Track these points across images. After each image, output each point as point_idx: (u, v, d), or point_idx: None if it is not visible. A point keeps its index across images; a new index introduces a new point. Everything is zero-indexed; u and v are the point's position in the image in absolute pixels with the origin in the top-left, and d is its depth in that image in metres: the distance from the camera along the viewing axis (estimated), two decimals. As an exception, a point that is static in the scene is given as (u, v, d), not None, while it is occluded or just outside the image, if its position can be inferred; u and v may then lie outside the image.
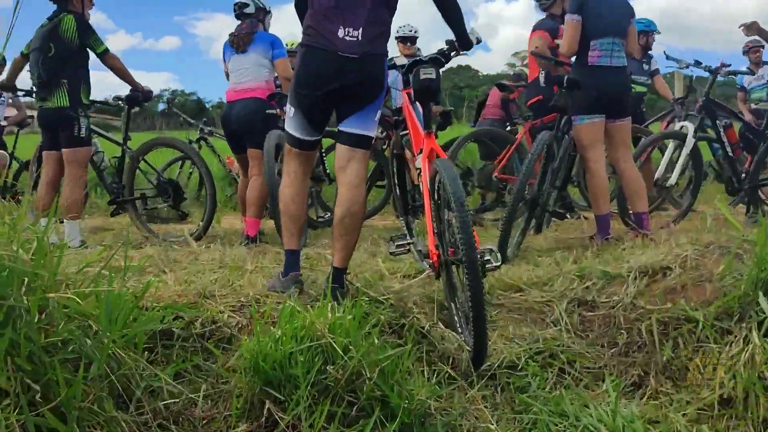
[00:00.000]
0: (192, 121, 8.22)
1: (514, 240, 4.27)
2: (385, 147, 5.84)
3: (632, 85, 5.93)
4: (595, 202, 4.57)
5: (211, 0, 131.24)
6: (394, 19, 3.06)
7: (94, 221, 6.13)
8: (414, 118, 3.23)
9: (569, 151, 4.69)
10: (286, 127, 3.10)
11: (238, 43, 5.15)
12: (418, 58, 3.16)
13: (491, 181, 6.14)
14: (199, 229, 5.07)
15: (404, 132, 3.58)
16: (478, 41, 3.33)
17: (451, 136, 7.00)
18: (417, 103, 3.17)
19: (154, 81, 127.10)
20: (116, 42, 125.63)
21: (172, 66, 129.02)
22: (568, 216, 5.91)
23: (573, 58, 4.65)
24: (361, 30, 2.86)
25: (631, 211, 4.86)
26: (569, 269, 3.57)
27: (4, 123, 7.41)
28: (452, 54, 3.33)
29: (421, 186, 3.02)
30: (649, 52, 7.38)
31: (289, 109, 3.05)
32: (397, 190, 4.09)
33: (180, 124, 10.03)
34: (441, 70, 3.06)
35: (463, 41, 3.27)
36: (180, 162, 8.26)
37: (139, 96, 5.24)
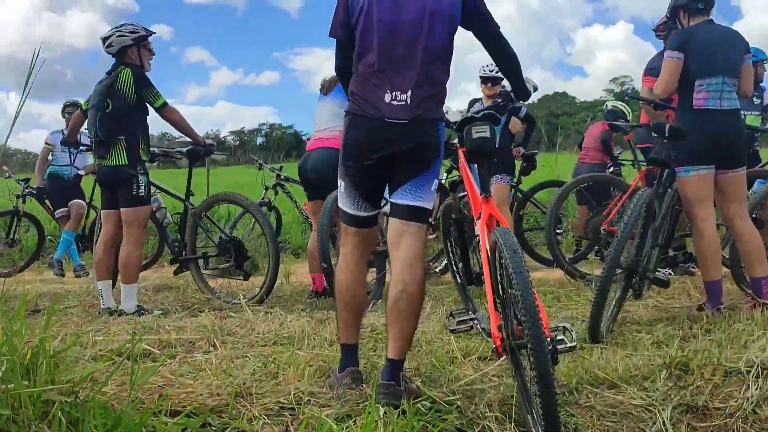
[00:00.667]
0: (269, 166, 8.04)
1: (608, 313, 3.70)
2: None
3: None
4: (704, 266, 3.96)
5: (308, 36, 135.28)
6: (450, 76, 2.76)
7: (155, 276, 5.93)
8: (471, 179, 2.93)
9: (674, 205, 4.10)
10: (339, 203, 2.84)
11: (325, 85, 4.96)
12: (470, 114, 2.84)
13: (599, 235, 5.56)
14: (261, 292, 4.74)
15: (463, 194, 3.25)
16: (535, 89, 3.02)
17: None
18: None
19: (255, 115, 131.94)
20: (219, 77, 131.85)
21: (271, 100, 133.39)
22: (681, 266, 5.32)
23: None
24: (409, 93, 2.63)
25: (747, 276, 4.18)
26: (675, 356, 2.99)
27: (81, 172, 7.40)
28: (509, 105, 2.97)
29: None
30: (761, 84, 6.60)
31: (340, 183, 2.80)
32: (456, 259, 3.69)
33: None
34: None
35: (519, 92, 3.01)
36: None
37: (201, 150, 5.00)
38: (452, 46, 2.76)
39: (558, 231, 6.79)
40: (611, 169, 6.56)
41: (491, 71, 6.49)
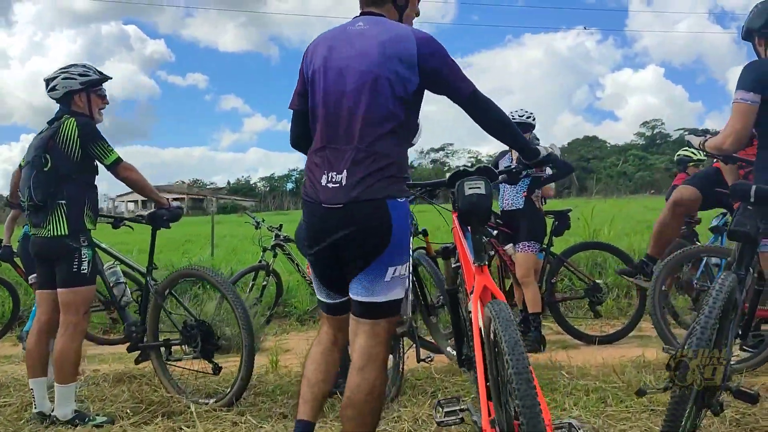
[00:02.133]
0: (268, 225, 7.20)
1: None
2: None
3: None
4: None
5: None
6: (417, 143, 2.75)
7: (118, 366, 5.02)
8: (464, 245, 2.57)
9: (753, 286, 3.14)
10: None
11: None
12: (462, 168, 2.55)
13: None
14: (230, 393, 3.81)
15: (457, 264, 2.88)
16: (548, 153, 2.75)
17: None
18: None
19: (286, 161, 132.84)
20: (253, 124, 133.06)
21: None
22: None
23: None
24: (345, 172, 2.39)
25: None
26: None
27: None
28: (523, 171, 2.98)
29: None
30: None
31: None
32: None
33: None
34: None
35: (525, 155, 2.73)
36: (253, 274, 7.25)
37: (165, 214, 4.13)
38: (410, 112, 2.49)
39: (598, 294, 5.82)
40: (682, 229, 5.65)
41: (520, 116, 5.64)
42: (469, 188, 2.40)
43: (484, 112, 2.51)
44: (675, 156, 7.18)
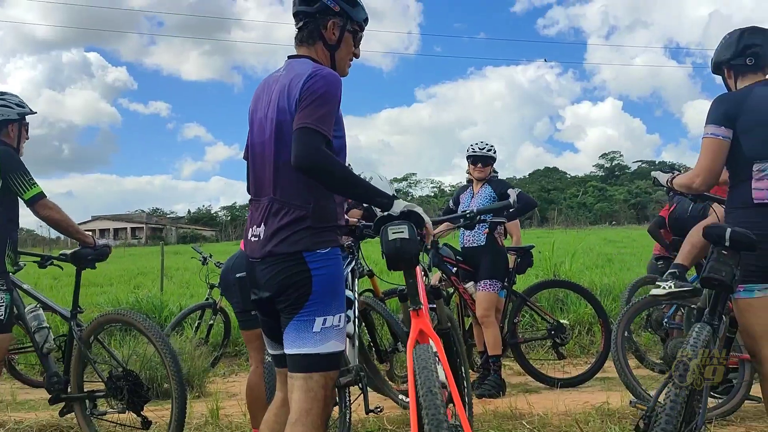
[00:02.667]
0: (215, 261, 6.84)
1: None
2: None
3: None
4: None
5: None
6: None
7: (43, 415, 4.59)
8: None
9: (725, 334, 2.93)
10: None
11: None
12: (387, 213, 2.43)
13: None
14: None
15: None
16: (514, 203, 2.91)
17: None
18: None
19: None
20: (215, 153, 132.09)
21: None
22: None
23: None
24: (263, 225, 2.34)
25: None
26: None
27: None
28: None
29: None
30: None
31: None
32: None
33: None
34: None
35: (383, 206, 2.44)
36: (199, 312, 6.85)
37: (89, 254, 3.78)
38: None
39: (562, 335, 5.55)
40: (659, 263, 5.47)
41: (481, 149, 5.44)
42: (393, 233, 2.36)
43: (299, 150, 2.17)
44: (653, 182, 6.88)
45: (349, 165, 2.72)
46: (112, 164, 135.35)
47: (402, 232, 2.36)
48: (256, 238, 2.33)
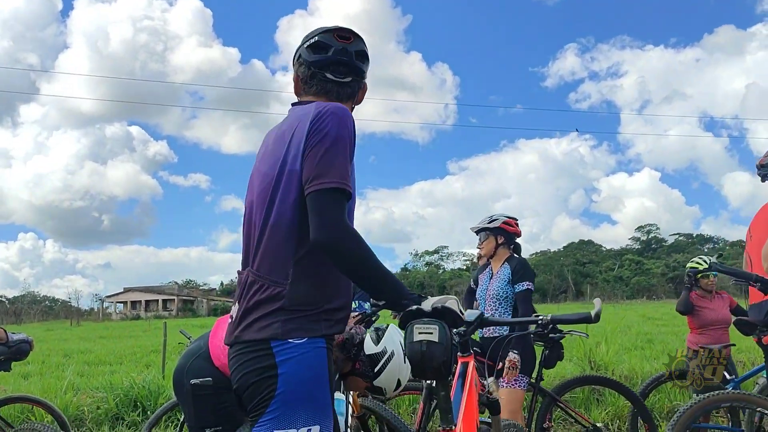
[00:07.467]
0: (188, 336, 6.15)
1: None
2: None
3: None
4: None
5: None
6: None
7: None
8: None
9: None
10: None
11: None
12: (415, 307, 1.94)
13: None
14: None
15: None
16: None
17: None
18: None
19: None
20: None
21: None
22: None
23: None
24: (237, 305, 1.96)
25: None
26: None
27: None
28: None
29: None
30: None
31: None
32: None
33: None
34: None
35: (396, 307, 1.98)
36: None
37: (3, 352, 3.18)
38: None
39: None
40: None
41: (490, 222, 4.79)
42: (419, 332, 1.90)
43: (319, 222, 1.81)
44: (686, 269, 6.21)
45: None
46: (150, 236, 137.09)
47: (431, 333, 1.90)
48: (231, 320, 2.00)
